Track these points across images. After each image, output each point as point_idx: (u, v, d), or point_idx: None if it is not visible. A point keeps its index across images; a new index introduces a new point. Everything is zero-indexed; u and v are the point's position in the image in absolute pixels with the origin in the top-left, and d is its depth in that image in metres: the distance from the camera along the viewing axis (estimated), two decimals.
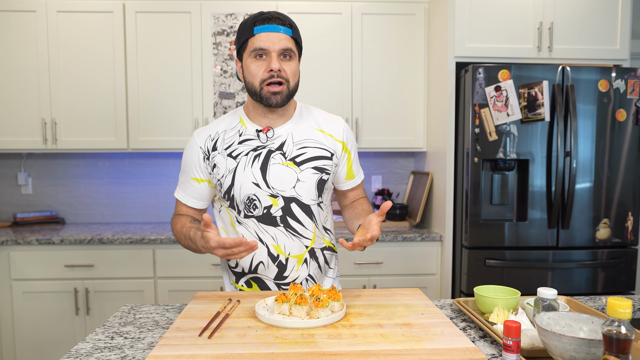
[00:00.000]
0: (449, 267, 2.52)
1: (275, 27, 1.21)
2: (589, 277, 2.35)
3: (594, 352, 0.83)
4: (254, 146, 1.30)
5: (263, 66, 1.22)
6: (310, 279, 1.36)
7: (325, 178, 1.33)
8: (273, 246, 1.31)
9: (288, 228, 1.31)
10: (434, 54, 2.68)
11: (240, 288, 1.38)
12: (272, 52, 1.21)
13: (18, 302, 2.48)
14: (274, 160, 1.29)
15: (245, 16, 2.72)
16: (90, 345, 1.01)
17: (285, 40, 1.22)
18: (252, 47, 1.22)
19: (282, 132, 1.31)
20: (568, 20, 2.43)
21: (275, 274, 1.33)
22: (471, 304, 1.23)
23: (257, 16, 1.23)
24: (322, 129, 1.35)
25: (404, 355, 0.87)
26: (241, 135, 1.31)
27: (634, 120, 2.32)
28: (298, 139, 1.32)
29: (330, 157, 1.34)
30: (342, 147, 1.36)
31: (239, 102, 2.75)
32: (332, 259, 1.44)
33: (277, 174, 1.28)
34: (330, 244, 1.43)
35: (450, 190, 2.49)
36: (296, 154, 1.30)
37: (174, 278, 2.52)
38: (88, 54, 2.69)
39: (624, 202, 2.34)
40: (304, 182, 1.30)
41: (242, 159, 1.29)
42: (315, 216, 1.33)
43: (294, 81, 1.26)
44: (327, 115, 1.39)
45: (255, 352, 0.88)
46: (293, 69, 1.25)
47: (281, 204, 1.29)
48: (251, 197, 1.28)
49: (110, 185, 3.09)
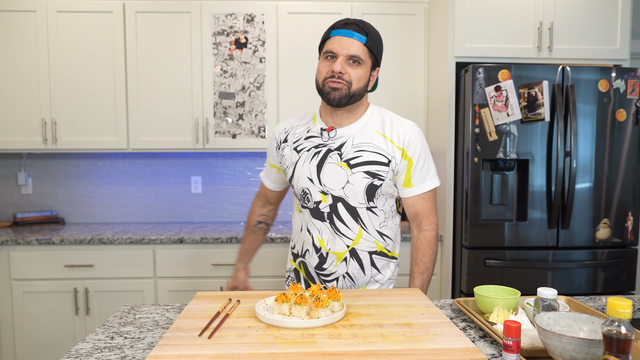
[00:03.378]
0: (449, 267, 2.52)
1: (350, 33, 1.27)
2: (589, 277, 2.35)
3: (594, 352, 0.83)
4: (317, 143, 1.37)
5: (329, 66, 1.29)
6: (347, 277, 1.41)
7: (377, 183, 1.33)
8: (317, 238, 1.39)
9: (333, 225, 1.37)
10: (433, 54, 2.68)
11: (295, 267, 1.51)
12: (340, 56, 1.27)
13: (18, 302, 2.48)
14: (330, 159, 1.34)
15: (245, 16, 2.72)
16: (90, 345, 1.01)
17: (356, 47, 1.27)
18: (325, 48, 1.31)
19: (345, 133, 1.35)
20: (568, 20, 2.43)
21: (316, 264, 1.42)
22: (471, 304, 1.23)
23: (339, 21, 1.31)
24: (385, 134, 1.35)
25: (404, 355, 0.87)
26: (308, 132, 1.39)
27: (634, 120, 2.32)
28: (358, 141, 1.34)
29: (387, 164, 1.33)
30: (401, 154, 1.34)
31: (239, 102, 2.75)
32: (386, 264, 1.44)
33: (330, 172, 1.34)
34: (385, 249, 1.42)
35: (450, 190, 2.49)
36: (352, 156, 1.33)
37: (174, 278, 2.52)
38: (88, 53, 2.69)
39: (624, 202, 2.34)
40: (353, 185, 1.33)
41: (304, 154, 1.38)
42: (362, 219, 1.36)
43: (357, 85, 1.29)
44: (397, 120, 1.38)
45: (255, 352, 0.88)
46: (358, 74, 1.28)
47: (330, 201, 1.35)
48: (305, 190, 1.38)
49: (110, 185, 3.09)
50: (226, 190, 3.13)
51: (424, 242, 1.42)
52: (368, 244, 1.38)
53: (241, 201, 3.13)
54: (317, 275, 1.43)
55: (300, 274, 1.50)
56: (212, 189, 3.12)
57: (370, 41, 1.28)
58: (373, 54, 1.31)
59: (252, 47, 2.74)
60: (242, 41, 2.73)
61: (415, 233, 1.45)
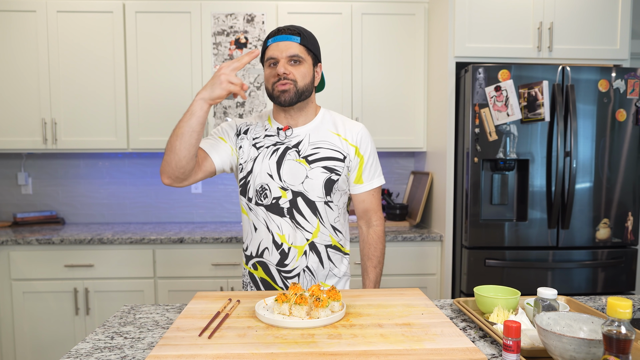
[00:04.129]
0: (449, 267, 2.52)
1: (284, 37, 1.36)
2: (589, 277, 2.35)
3: (594, 352, 0.83)
4: (274, 141, 1.43)
5: (273, 71, 1.37)
6: (307, 271, 1.43)
7: (334, 178, 1.41)
8: (278, 234, 1.42)
9: (293, 220, 1.41)
10: (433, 54, 2.68)
11: (249, 270, 1.49)
12: (281, 59, 1.35)
13: (18, 302, 2.48)
14: (289, 156, 1.41)
15: (245, 16, 2.72)
16: (90, 345, 1.01)
17: (293, 48, 1.35)
18: (266, 57, 1.39)
19: (301, 132, 1.43)
20: (568, 20, 2.43)
21: (277, 261, 1.43)
22: (471, 304, 1.23)
23: (272, 31, 1.40)
24: (339, 132, 1.45)
25: (404, 355, 0.87)
26: (266, 131, 1.45)
27: (634, 120, 2.32)
28: (314, 139, 1.43)
29: (343, 160, 1.43)
30: (354, 151, 1.44)
31: (239, 102, 2.75)
32: (340, 259, 1.50)
33: (290, 169, 1.40)
34: (338, 244, 1.48)
35: (450, 190, 2.49)
36: (309, 152, 1.41)
37: (174, 278, 2.52)
38: (88, 54, 2.69)
39: (624, 202, 2.34)
40: (312, 180, 1.39)
41: (263, 151, 1.42)
42: (320, 213, 1.42)
43: (302, 82, 1.37)
44: (348, 121, 1.49)
45: (255, 352, 0.88)
46: (301, 72, 1.37)
47: (289, 197, 1.40)
48: (264, 186, 1.41)
49: (110, 185, 3.09)
50: (226, 190, 3.13)
51: (374, 237, 1.52)
52: (325, 237, 1.44)
53: None
54: (278, 272, 1.44)
55: (256, 276, 1.48)
56: (212, 189, 3.12)
57: (304, 40, 1.37)
58: (311, 51, 1.40)
59: (252, 47, 2.74)
60: (242, 41, 2.73)
61: (364, 229, 1.54)
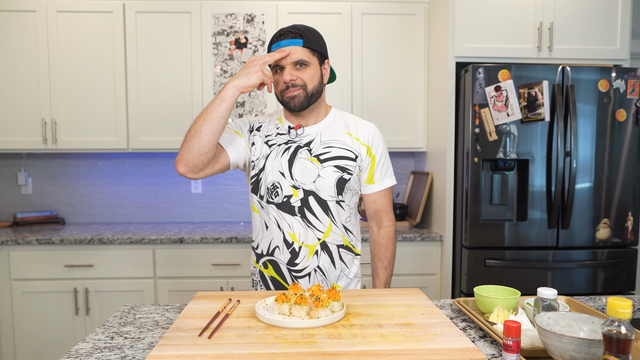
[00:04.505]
0: (449, 267, 2.52)
1: (286, 42, 1.34)
2: (589, 277, 2.35)
3: (594, 352, 0.83)
4: (286, 140, 1.43)
5: (281, 79, 1.36)
6: (318, 271, 1.42)
7: (346, 177, 1.40)
8: (289, 233, 1.41)
9: (304, 219, 1.40)
10: (433, 54, 2.68)
11: (260, 269, 1.48)
12: (286, 66, 1.34)
13: (18, 302, 2.48)
14: (300, 155, 1.40)
15: (245, 16, 2.72)
16: (90, 345, 1.01)
17: (297, 53, 1.33)
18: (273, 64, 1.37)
19: (312, 131, 1.43)
20: (568, 20, 2.43)
21: (288, 260, 1.42)
22: (471, 304, 1.23)
23: (274, 35, 1.37)
24: (350, 132, 1.44)
25: (404, 355, 0.87)
26: (278, 129, 1.45)
27: (634, 120, 2.32)
28: (326, 139, 1.42)
29: (354, 159, 1.42)
30: (366, 151, 1.44)
31: (239, 102, 2.75)
32: (351, 259, 1.49)
33: (301, 167, 1.39)
34: (350, 244, 1.47)
35: (450, 190, 2.49)
36: (321, 152, 1.40)
37: (174, 278, 2.52)
38: (88, 53, 2.69)
39: (624, 202, 2.34)
40: (324, 179, 1.39)
41: (275, 149, 1.42)
42: (332, 213, 1.41)
43: (311, 85, 1.36)
44: (359, 121, 1.48)
45: (255, 352, 0.88)
46: (309, 75, 1.35)
47: (301, 195, 1.39)
48: (275, 184, 1.40)
49: (110, 185, 3.09)
50: (226, 190, 3.13)
51: (385, 237, 1.51)
52: (336, 237, 1.43)
53: (241, 201, 3.13)
54: (288, 271, 1.43)
55: (266, 275, 1.47)
56: (212, 189, 3.12)
57: (307, 41, 1.35)
58: (315, 51, 1.37)
59: (252, 47, 2.74)
60: (242, 41, 2.73)
61: (375, 230, 1.53)
